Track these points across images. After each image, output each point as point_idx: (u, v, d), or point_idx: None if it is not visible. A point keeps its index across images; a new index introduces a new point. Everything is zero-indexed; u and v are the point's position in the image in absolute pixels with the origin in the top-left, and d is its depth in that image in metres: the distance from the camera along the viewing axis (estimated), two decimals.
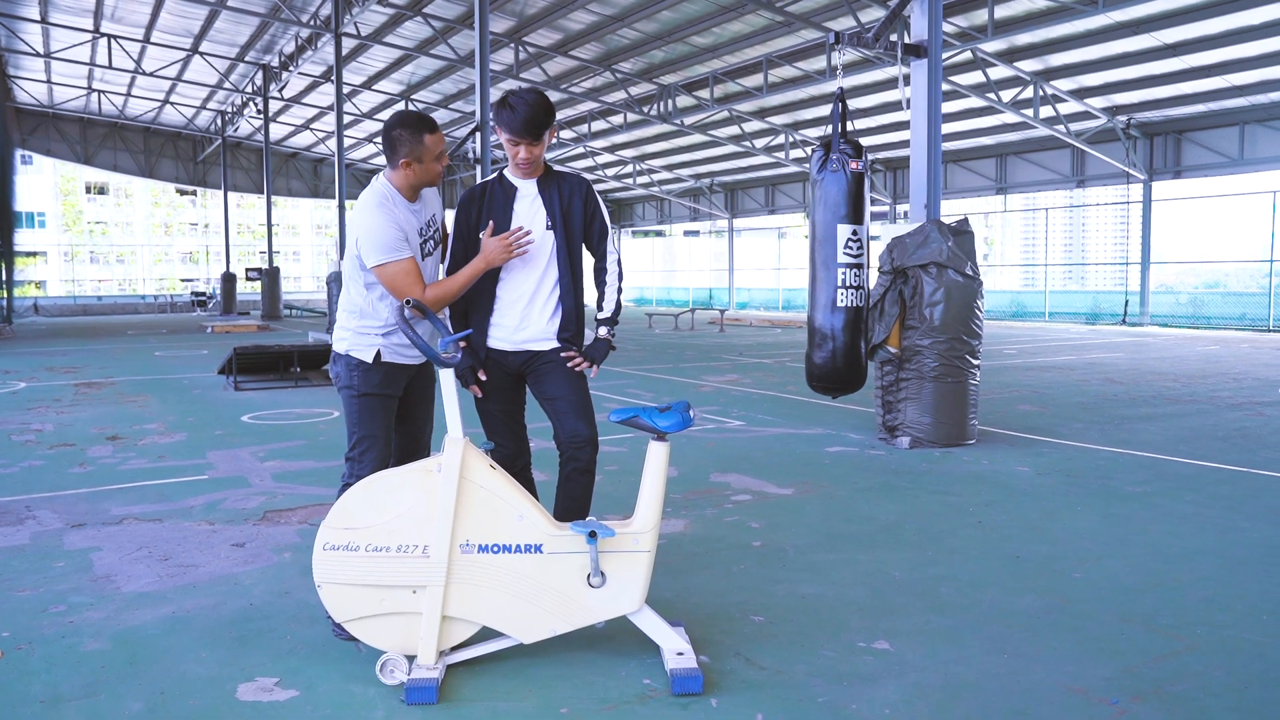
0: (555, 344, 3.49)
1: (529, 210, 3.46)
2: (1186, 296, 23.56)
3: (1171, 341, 17.50)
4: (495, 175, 3.56)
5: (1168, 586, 3.83)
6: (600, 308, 3.58)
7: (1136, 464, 6.30)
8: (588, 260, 3.64)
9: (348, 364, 3.39)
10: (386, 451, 3.42)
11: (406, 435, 3.60)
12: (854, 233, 6.54)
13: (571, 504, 3.47)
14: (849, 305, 6.57)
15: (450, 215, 3.53)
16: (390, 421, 3.45)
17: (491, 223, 3.40)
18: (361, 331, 3.39)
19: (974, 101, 20.23)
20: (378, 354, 3.36)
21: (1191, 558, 4.22)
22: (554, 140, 3.82)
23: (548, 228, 3.45)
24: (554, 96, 24.97)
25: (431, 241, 3.49)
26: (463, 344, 3.42)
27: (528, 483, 3.64)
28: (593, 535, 2.90)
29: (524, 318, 3.46)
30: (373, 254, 3.25)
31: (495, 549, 2.95)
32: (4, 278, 26.92)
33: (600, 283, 3.62)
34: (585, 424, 3.45)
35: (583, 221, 3.52)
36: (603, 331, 3.53)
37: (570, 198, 3.49)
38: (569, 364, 3.44)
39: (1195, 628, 3.38)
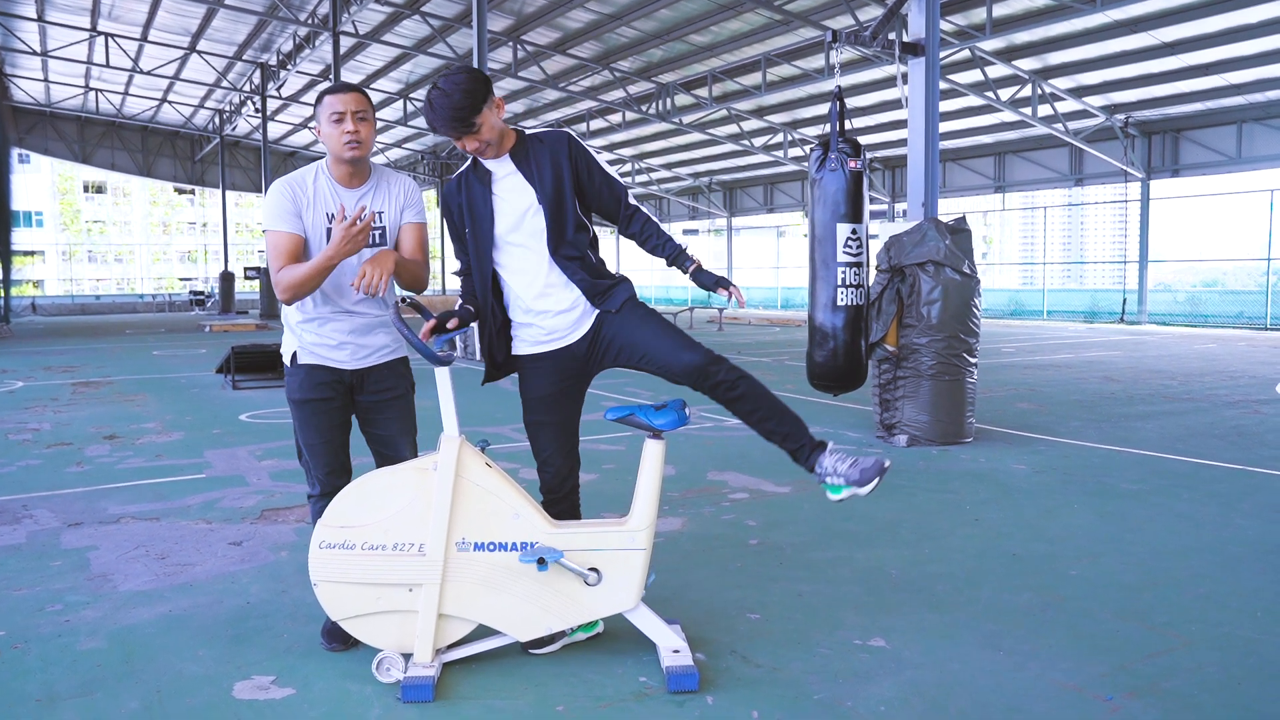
0: (596, 310, 3.07)
1: (511, 191, 3.04)
2: (1184, 295, 23.64)
3: (1169, 340, 17.51)
4: (469, 163, 3.13)
5: (1164, 584, 3.84)
6: (672, 261, 3.13)
7: (1133, 462, 6.31)
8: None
9: (285, 367, 3.24)
10: (330, 461, 3.19)
11: (374, 453, 3.33)
12: (853, 231, 6.53)
13: (762, 411, 3.11)
14: (849, 304, 6.56)
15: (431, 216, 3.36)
16: (327, 429, 3.18)
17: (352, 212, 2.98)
18: (292, 324, 3.17)
19: (972, 100, 20.24)
20: (294, 355, 3.16)
21: (1188, 555, 4.22)
22: (504, 114, 3.11)
23: (538, 203, 3.03)
24: (552, 95, 25.01)
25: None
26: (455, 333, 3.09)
27: (573, 507, 3.29)
28: (541, 562, 2.85)
29: (557, 316, 3.08)
30: (265, 221, 3.09)
31: (491, 547, 2.95)
32: (2, 277, 26.90)
33: (642, 239, 3.16)
34: (690, 352, 3.00)
35: (573, 179, 3.04)
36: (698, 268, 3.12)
37: (557, 159, 3.03)
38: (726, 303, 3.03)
39: (1190, 625, 3.38)
